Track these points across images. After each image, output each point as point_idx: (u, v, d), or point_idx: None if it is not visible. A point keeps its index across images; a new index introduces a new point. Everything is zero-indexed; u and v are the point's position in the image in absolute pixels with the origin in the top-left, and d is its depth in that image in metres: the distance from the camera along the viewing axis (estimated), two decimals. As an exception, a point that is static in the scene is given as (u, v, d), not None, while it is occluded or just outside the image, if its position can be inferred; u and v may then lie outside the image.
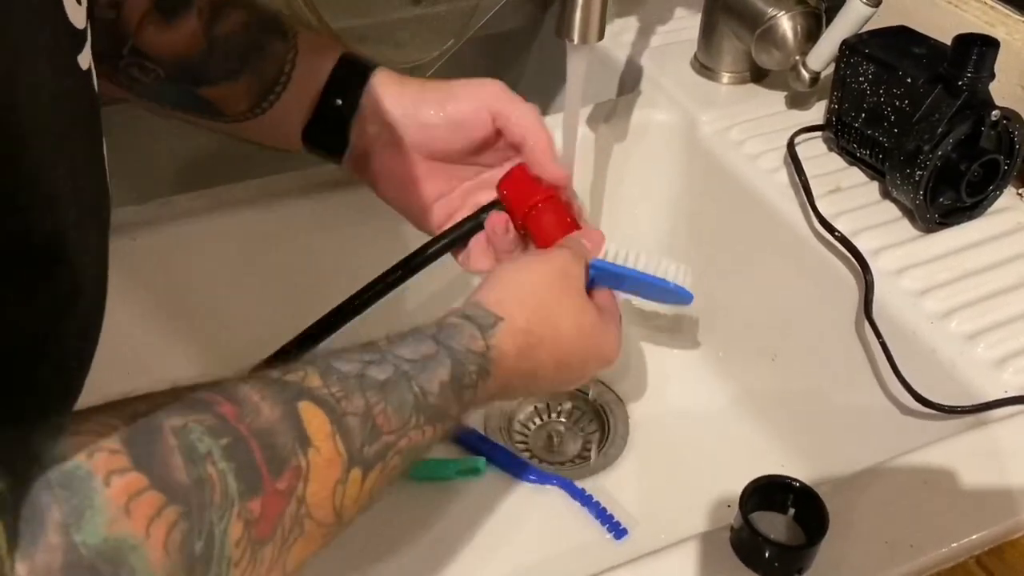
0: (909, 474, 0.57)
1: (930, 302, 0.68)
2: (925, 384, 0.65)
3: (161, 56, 0.64)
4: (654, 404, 0.85)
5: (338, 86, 0.66)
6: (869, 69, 0.74)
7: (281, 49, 0.66)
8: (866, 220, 0.74)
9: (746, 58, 0.87)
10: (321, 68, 0.66)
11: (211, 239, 0.75)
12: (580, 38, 0.66)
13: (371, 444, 0.45)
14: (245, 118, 0.67)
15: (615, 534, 0.75)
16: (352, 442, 0.44)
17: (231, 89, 0.66)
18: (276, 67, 0.66)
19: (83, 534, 0.34)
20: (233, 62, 0.65)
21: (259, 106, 0.66)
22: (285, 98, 0.66)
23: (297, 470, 0.41)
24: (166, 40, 0.64)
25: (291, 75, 0.66)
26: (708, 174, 0.84)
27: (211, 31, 0.65)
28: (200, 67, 0.65)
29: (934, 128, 0.69)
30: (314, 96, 0.66)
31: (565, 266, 0.61)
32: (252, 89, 0.66)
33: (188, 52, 0.64)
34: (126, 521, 0.35)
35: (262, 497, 0.40)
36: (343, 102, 0.66)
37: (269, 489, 0.40)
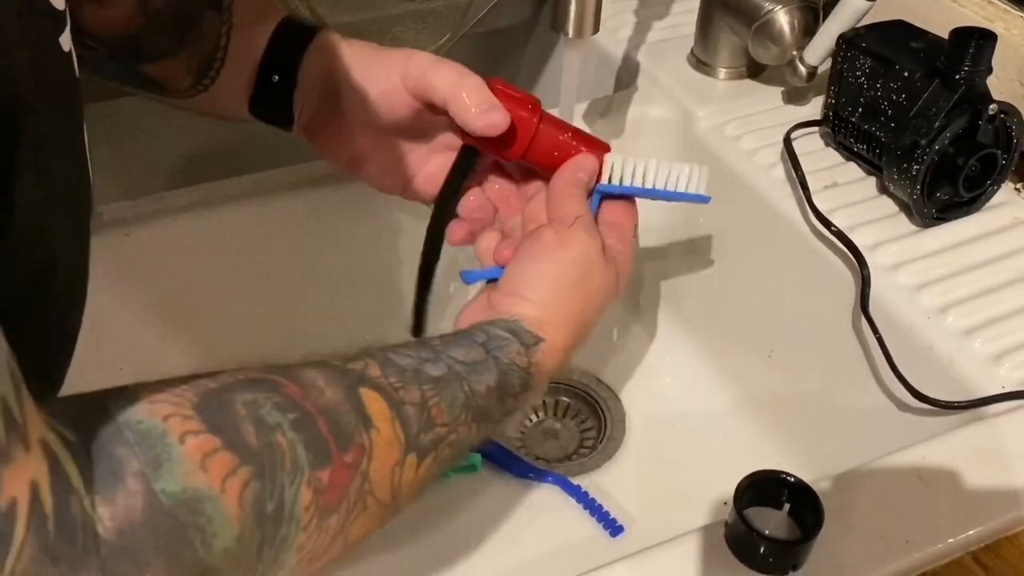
0: (905, 470, 0.57)
1: (927, 297, 0.68)
2: (922, 379, 0.64)
3: (100, 33, 0.62)
4: (650, 400, 0.85)
5: (274, 59, 0.64)
6: (866, 63, 0.74)
7: (216, 23, 0.64)
8: (863, 215, 0.74)
9: (743, 53, 0.87)
10: (256, 42, 0.64)
11: (205, 234, 0.75)
12: (575, 32, 0.66)
13: (426, 433, 0.47)
14: (190, 94, 0.65)
15: (611, 531, 0.75)
16: (409, 428, 0.46)
17: (171, 66, 0.64)
18: (212, 43, 0.64)
19: (162, 482, 0.35)
20: (170, 38, 0.64)
21: (200, 83, 0.65)
22: (224, 74, 0.64)
23: (361, 447, 0.43)
24: (103, 17, 0.62)
25: (227, 49, 0.64)
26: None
27: (147, 6, 0.63)
28: (139, 44, 0.63)
29: (931, 122, 0.69)
30: (252, 71, 0.64)
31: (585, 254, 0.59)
32: (191, 66, 0.64)
33: (126, 29, 0.63)
34: (202, 475, 0.37)
35: (330, 468, 0.42)
36: (279, 77, 0.64)
37: (337, 461, 0.42)
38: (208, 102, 0.66)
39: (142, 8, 0.63)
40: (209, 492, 0.37)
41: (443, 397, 0.49)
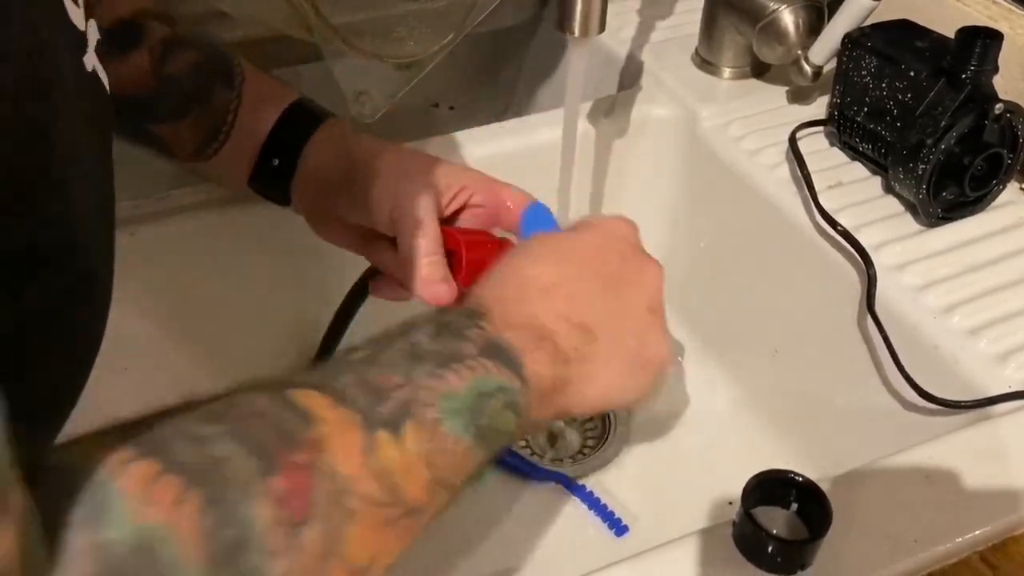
0: (912, 469, 0.57)
1: (932, 297, 0.68)
2: (927, 379, 0.64)
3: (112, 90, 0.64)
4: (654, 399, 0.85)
5: (277, 143, 0.66)
6: (872, 63, 0.74)
7: (225, 99, 0.65)
8: (868, 215, 0.74)
9: (747, 53, 0.87)
10: (262, 124, 0.66)
11: (209, 234, 0.75)
12: (581, 31, 0.66)
13: (381, 402, 0.41)
14: (192, 159, 0.67)
15: (616, 531, 0.75)
16: (358, 404, 0.40)
17: (177, 130, 0.66)
18: (219, 117, 0.65)
19: (110, 529, 0.32)
20: (179, 104, 0.65)
21: (204, 151, 0.66)
22: (227, 148, 0.66)
23: (312, 442, 0.38)
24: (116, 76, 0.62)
25: (233, 125, 0.66)
26: (709, 169, 0.84)
27: (161, 70, 0.64)
28: (148, 104, 0.65)
29: (937, 122, 0.69)
30: (254, 151, 0.66)
31: None
32: (197, 134, 0.66)
33: (136, 89, 0.64)
34: (149, 510, 0.33)
35: (283, 472, 0.36)
36: (280, 162, 0.65)
37: (287, 463, 0.36)
38: (210, 169, 0.68)
39: (155, 72, 0.64)
40: (162, 530, 0.32)
41: (379, 365, 0.43)
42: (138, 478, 0.33)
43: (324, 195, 0.65)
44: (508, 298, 0.50)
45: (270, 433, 0.37)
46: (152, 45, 0.64)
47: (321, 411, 0.39)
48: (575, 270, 0.54)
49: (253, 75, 0.68)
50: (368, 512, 0.38)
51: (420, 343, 0.45)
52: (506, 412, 0.45)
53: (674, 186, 0.88)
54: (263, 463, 0.36)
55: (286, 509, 0.35)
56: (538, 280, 0.52)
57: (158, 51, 0.64)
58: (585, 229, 0.58)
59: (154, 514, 0.32)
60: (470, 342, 0.46)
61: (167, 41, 0.65)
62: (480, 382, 0.44)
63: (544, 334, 0.49)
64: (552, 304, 0.51)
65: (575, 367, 0.51)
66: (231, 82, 0.66)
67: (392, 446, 0.40)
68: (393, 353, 0.44)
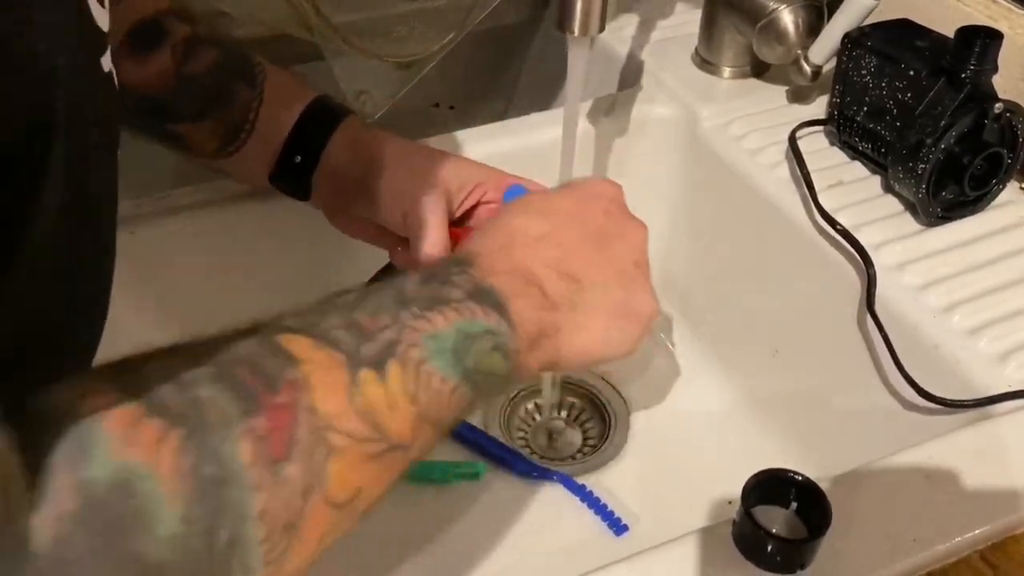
0: (912, 469, 0.57)
1: (932, 296, 0.68)
2: (927, 379, 0.64)
3: (133, 90, 0.64)
4: (654, 399, 0.85)
5: (299, 140, 0.67)
6: (871, 62, 0.74)
7: (247, 97, 0.66)
8: (868, 214, 0.74)
9: (747, 52, 0.87)
10: (284, 121, 0.66)
11: (209, 233, 0.75)
12: (581, 30, 0.66)
13: (365, 343, 0.41)
14: (213, 157, 0.68)
15: (616, 530, 0.75)
16: (343, 346, 0.41)
17: (197, 129, 0.67)
18: (240, 115, 0.66)
19: (91, 467, 0.32)
20: (200, 104, 0.66)
21: (224, 149, 0.67)
22: (249, 145, 0.67)
23: (293, 383, 0.38)
24: (138, 76, 0.64)
25: (255, 124, 0.66)
26: (709, 169, 0.84)
27: (182, 70, 0.65)
28: (169, 104, 0.66)
29: (937, 121, 0.69)
30: (276, 149, 0.67)
31: None
32: (217, 132, 0.67)
33: (158, 89, 0.65)
34: (130, 449, 0.33)
35: (265, 412, 0.37)
36: (302, 159, 0.67)
37: (268, 404, 0.37)
38: (230, 167, 0.69)
39: (177, 71, 0.65)
40: (142, 468, 0.33)
41: (365, 309, 0.43)
42: (120, 420, 0.34)
43: (343, 191, 0.67)
44: (495, 247, 0.51)
45: (253, 376, 0.37)
46: (174, 44, 0.65)
47: (305, 352, 0.39)
48: (562, 221, 0.54)
49: (273, 73, 0.68)
50: (351, 448, 0.39)
51: (406, 288, 0.45)
52: (494, 354, 0.46)
53: (674, 185, 0.88)
54: (245, 404, 0.36)
55: (267, 446, 0.36)
56: (525, 231, 0.53)
57: (180, 50, 0.65)
58: (570, 188, 0.59)
59: (134, 453, 0.33)
60: (456, 287, 0.47)
61: (189, 40, 0.65)
62: (466, 324, 0.45)
63: (531, 280, 0.50)
64: (539, 253, 0.52)
65: (563, 315, 0.51)
66: (252, 81, 0.67)
67: (376, 384, 0.40)
68: (380, 297, 0.45)
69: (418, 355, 0.42)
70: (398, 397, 0.41)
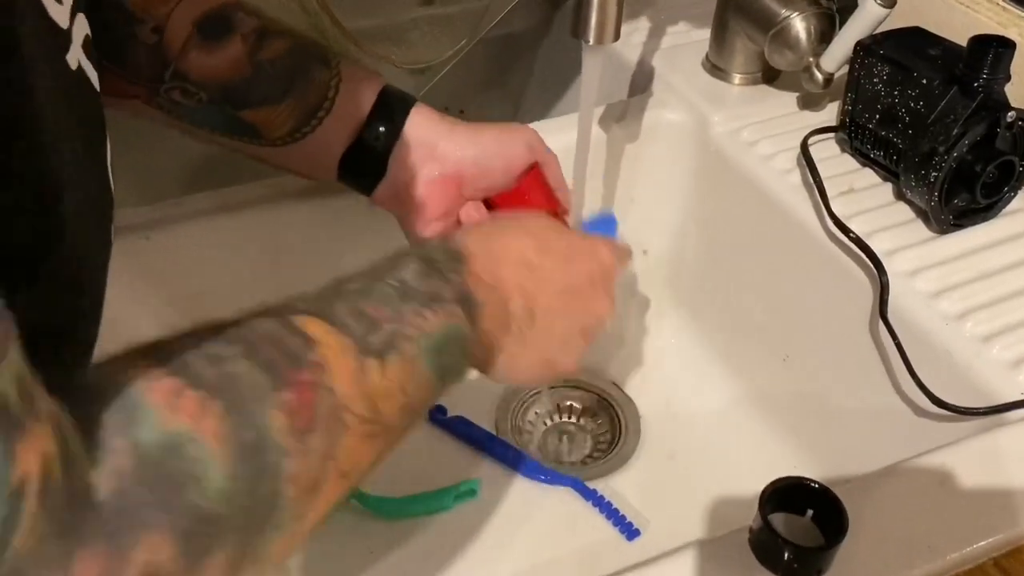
0: (926, 475, 0.57)
1: (945, 303, 0.68)
2: (940, 386, 0.65)
3: (204, 80, 0.65)
4: (665, 404, 0.85)
5: (382, 114, 0.67)
6: (884, 70, 0.74)
7: (325, 75, 0.67)
8: (880, 221, 0.74)
9: (758, 59, 0.87)
10: (365, 96, 0.67)
11: (224, 239, 0.75)
12: (596, 39, 0.66)
13: (373, 333, 0.46)
14: (285, 143, 0.67)
15: (627, 535, 0.75)
16: (353, 333, 0.45)
17: (273, 112, 0.66)
18: (320, 92, 0.66)
19: (141, 433, 0.35)
20: (277, 86, 0.66)
21: (300, 130, 0.67)
22: (327, 123, 0.67)
23: (315, 363, 0.42)
24: (209, 64, 0.64)
25: (335, 100, 0.67)
26: (720, 175, 0.84)
27: (255, 56, 0.65)
28: (243, 90, 0.66)
29: (949, 130, 0.69)
30: (357, 123, 0.67)
31: None
32: (295, 113, 0.66)
33: (232, 76, 0.65)
34: (175, 416, 0.36)
35: (291, 387, 0.41)
36: (386, 130, 0.67)
37: (294, 380, 0.41)
38: (299, 153, 0.68)
39: (250, 57, 0.65)
40: (188, 434, 0.36)
41: (372, 298, 0.48)
42: (163, 391, 0.37)
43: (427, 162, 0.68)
44: (489, 253, 0.55)
45: (278, 354, 0.41)
46: (244, 33, 0.65)
47: (322, 336, 0.44)
48: (552, 264, 0.59)
49: (346, 57, 0.69)
50: (357, 427, 0.44)
51: (408, 281, 0.49)
52: (461, 356, 0.52)
53: (685, 191, 0.88)
54: (274, 379, 0.40)
55: (296, 417, 0.40)
56: (519, 255, 0.57)
57: (251, 39, 0.65)
58: (583, 239, 0.64)
59: (180, 420, 0.36)
60: (449, 286, 0.51)
61: (259, 30, 0.66)
62: (451, 327, 0.50)
63: (504, 299, 0.55)
64: (520, 279, 0.57)
65: (510, 339, 0.56)
66: (328, 61, 0.67)
67: (378, 372, 0.45)
68: (384, 288, 0.49)
69: (412, 351, 0.47)
70: (393, 386, 0.46)
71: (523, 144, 0.68)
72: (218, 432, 0.37)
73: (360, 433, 0.44)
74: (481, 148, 0.67)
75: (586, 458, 0.82)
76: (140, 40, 0.64)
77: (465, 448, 0.81)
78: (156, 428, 0.36)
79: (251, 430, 0.38)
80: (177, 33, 0.64)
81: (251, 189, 0.77)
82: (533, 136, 0.69)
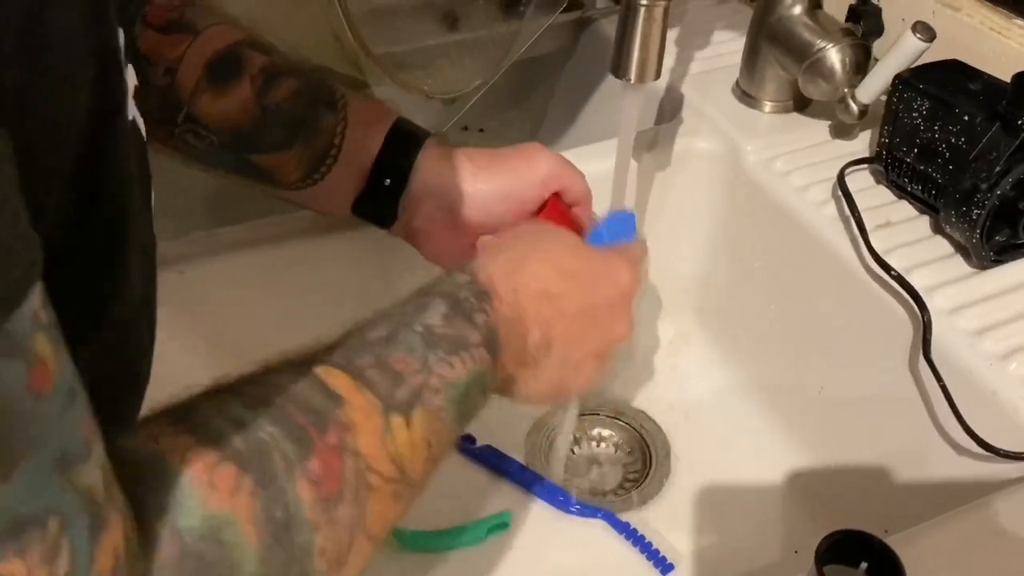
0: (979, 523, 0.56)
1: (989, 342, 0.67)
2: (984, 427, 0.64)
3: (214, 123, 0.64)
4: (696, 435, 0.85)
5: (387, 162, 0.66)
6: (923, 105, 0.74)
7: (331, 122, 0.66)
8: (919, 256, 0.73)
9: (789, 87, 0.87)
10: (370, 143, 0.66)
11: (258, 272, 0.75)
12: (637, 78, 0.66)
13: (398, 388, 0.45)
14: (298, 187, 0.67)
15: (661, 568, 0.75)
16: (378, 390, 0.44)
17: (283, 158, 0.66)
18: (326, 140, 0.66)
19: (185, 518, 0.35)
20: (284, 132, 0.65)
21: (310, 177, 0.67)
22: (335, 171, 0.67)
23: (340, 424, 0.42)
24: (219, 108, 0.64)
25: (341, 147, 0.66)
26: (754, 204, 0.83)
27: (263, 99, 0.65)
28: (252, 135, 0.65)
29: (991, 167, 0.69)
30: (364, 171, 0.67)
31: None
32: (303, 160, 0.66)
33: (240, 120, 0.65)
34: (215, 496, 0.36)
35: (317, 455, 0.40)
36: (391, 180, 0.66)
37: (321, 445, 0.40)
38: (313, 196, 0.68)
39: (258, 101, 0.65)
40: (227, 516, 0.36)
41: (398, 348, 0.47)
42: (201, 469, 0.36)
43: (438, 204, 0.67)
44: (513, 288, 0.55)
45: (304, 415, 0.41)
46: (252, 74, 0.65)
47: (347, 394, 0.43)
48: (571, 290, 0.58)
49: (353, 96, 0.68)
50: (383, 488, 0.43)
51: (433, 327, 0.49)
52: (480, 397, 0.51)
53: (716, 220, 0.87)
54: (300, 447, 0.40)
55: (323, 488, 0.40)
56: (538, 281, 0.56)
57: (259, 80, 0.65)
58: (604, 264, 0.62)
59: (218, 501, 0.36)
60: (476, 330, 0.50)
61: (266, 69, 0.65)
62: (475, 372, 0.49)
63: (522, 331, 0.55)
64: (539, 308, 0.56)
65: (526, 369, 0.56)
66: (334, 105, 0.66)
67: (404, 430, 0.44)
68: (410, 336, 0.48)
69: (437, 403, 0.47)
70: (419, 442, 0.45)
71: (537, 183, 0.67)
72: (251, 514, 0.37)
73: (387, 493, 0.43)
74: (494, 188, 0.66)
75: (617, 489, 0.82)
76: (153, 83, 0.64)
77: (495, 478, 0.81)
78: (197, 512, 0.36)
79: (281, 508, 0.38)
80: (189, 75, 0.64)
81: (285, 222, 0.76)
82: (550, 168, 0.67)
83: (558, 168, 0.67)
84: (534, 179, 0.66)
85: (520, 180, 0.66)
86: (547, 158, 0.67)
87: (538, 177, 0.66)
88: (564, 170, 0.67)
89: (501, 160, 0.67)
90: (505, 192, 0.66)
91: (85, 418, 0.31)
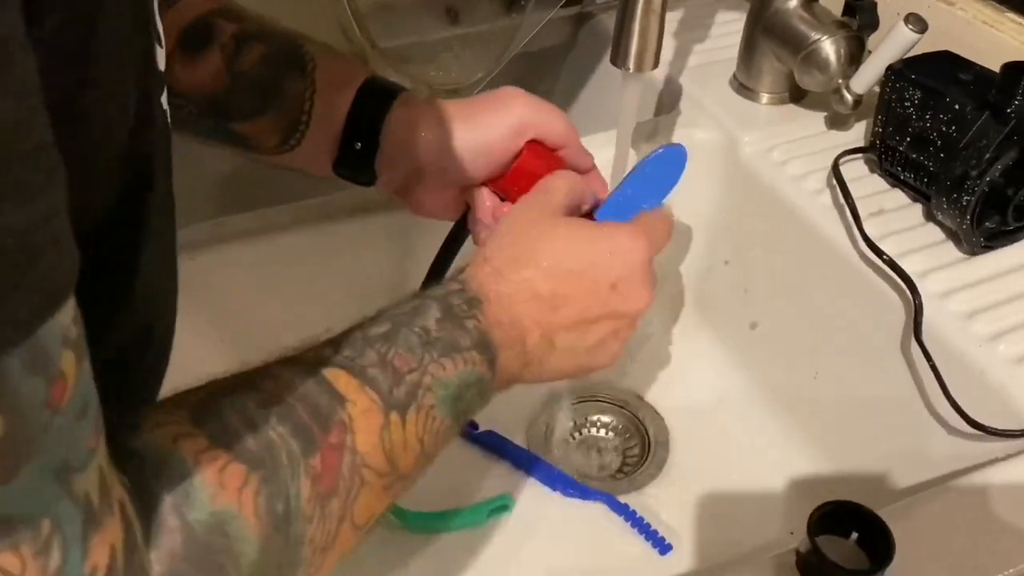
0: (966, 496, 0.58)
1: (978, 325, 0.69)
2: (973, 406, 0.66)
3: (190, 93, 0.65)
4: (694, 419, 0.86)
5: (357, 124, 0.65)
6: (916, 95, 0.75)
7: (299, 87, 0.65)
8: (911, 242, 0.75)
9: (786, 79, 0.88)
10: (340, 106, 0.65)
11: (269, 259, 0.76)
12: (635, 67, 0.67)
13: (397, 386, 0.47)
14: (277, 152, 0.67)
15: (660, 549, 0.76)
16: (380, 388, 0.46)
17: (259, 125, 0.66)
18: (296, 106, 0.65)
19: (194, 512, 0.37)
20: (256, 99, 0.66)
21: (287, 143, 0.67)
22: (309, 136, 0.66)
23: (342, 424, 0.44)
24: (192, 77, 0.65)
25: (311, 113, 0.65)
26: (751, 194, 0.85)
27: (233, 67, 0.65)
28: (227, 103, 0.66)
29: (981, 154, 0.70)
30: (336, 134, 0.66)
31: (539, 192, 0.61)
32: (278, 126, 0.66)
33: (214, 89, 0.65)
34: (223, 493, 0.38)
35: (320, 452, 0.42)
36: (362, 143, 0.66)
37: (324, 444, 0.43)
38: (295, 160, 0.68)
39: (228, 69, 0.65)
40: (232, 511, 0.38)
41: (398, 346, 0.49)
42: (213, 466, 0.39)
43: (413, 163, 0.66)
44: (504, 295, 0.55)
45: (309, 414, 0.43)
46: (223, 43, 0.65)
47: (351, 394, 0.45)
48: (569, 290, 0.58)
49: (323, 59, 0.67)
50: (375, 482, 0.46)
51: (430, 329, 0.51)
52: (477, 398, 0.53)
53: (714, 209, 0.89)
54: (306, 445, 0.42)
55: (320, 484, 0.42)
56: (532, 287, 0.56)
57: (230, 48, 0.65)
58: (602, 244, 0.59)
59: (226, 497, 0.38)
60: (467, 334, 0.52)
61: (237, 36, 0.65)
62: (467, 373, 0.51)
63: (520, 335, 0.56)
64: (536, 311, 0.56)
65: (530, 368, 0.58)
66: (303, 69, 0.66)
67: (399, 427, 0.47)
68: (409, 335, 0.50)
69: (431, 401, 0.49)
70: (412, 439, 0.48)
71: (511, 134, 0.64)
72: (255, 508, 0.39)
73: (377, 487, 0.46)
74: (467, 144, 0.64)
75: (616, 473, 0.83)
76: None
77: (497, 462, 0.82)
78: (206, 507, 0.38)
79: (282, 501, 0.40)
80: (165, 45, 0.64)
81: (294, 209, 0.78)
82: (523, 115, 0.64)
83: (531, 115, 0.65)
84: (506, 131, 0.64)
85: (492, 132, 0.64)
86: (520, 105, 0.65)
87: (511, 127, 0.64)
88: (538, 115, 0.65)
89: (472, 112, 0.65)
90: (478, 147, 0.64)
91: (92, 428, 0.32)
